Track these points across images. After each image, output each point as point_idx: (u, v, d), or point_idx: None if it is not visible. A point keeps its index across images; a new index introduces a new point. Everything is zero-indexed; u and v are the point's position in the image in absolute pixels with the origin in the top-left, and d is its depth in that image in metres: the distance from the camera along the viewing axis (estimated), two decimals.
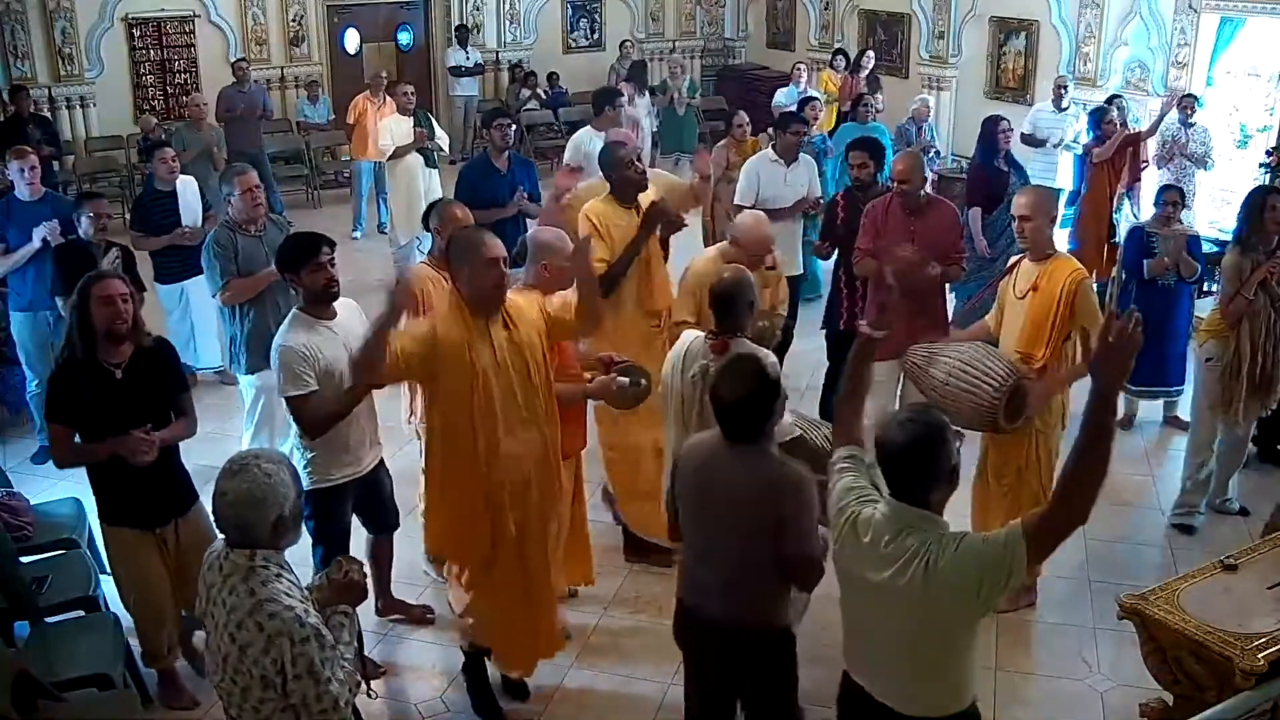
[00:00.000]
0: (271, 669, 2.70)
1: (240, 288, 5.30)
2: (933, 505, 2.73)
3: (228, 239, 5.32)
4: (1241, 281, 5.28)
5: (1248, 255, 5.32)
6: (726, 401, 3.17)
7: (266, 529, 2.76)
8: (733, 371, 3.24)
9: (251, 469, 2.76)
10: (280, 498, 2.76)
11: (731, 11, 15.69)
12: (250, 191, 5.37)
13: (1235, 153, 9.94)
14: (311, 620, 2.74)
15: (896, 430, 2.71)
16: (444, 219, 4.83)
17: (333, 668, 2.78)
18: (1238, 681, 3.40)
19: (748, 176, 6.86)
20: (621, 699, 4.43)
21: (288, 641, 2.69)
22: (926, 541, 2.65)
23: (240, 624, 2.71)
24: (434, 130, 9.03)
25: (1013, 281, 4.75)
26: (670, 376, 4.24)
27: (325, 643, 2.76)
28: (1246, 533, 5.35)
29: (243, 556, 2.77)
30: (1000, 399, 4.32)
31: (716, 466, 3.21)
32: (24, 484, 5.56)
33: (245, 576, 2.75)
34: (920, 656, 2.76)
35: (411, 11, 13.90)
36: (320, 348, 4.07)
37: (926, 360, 4.59)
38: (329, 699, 2.76)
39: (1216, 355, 5.41)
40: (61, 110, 11.69)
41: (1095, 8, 10.76)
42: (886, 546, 2.69)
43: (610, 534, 5.42)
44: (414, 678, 4.56)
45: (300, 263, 4.11)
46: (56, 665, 3.93)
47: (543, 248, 4.33)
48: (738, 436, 3.18)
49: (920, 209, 5.48)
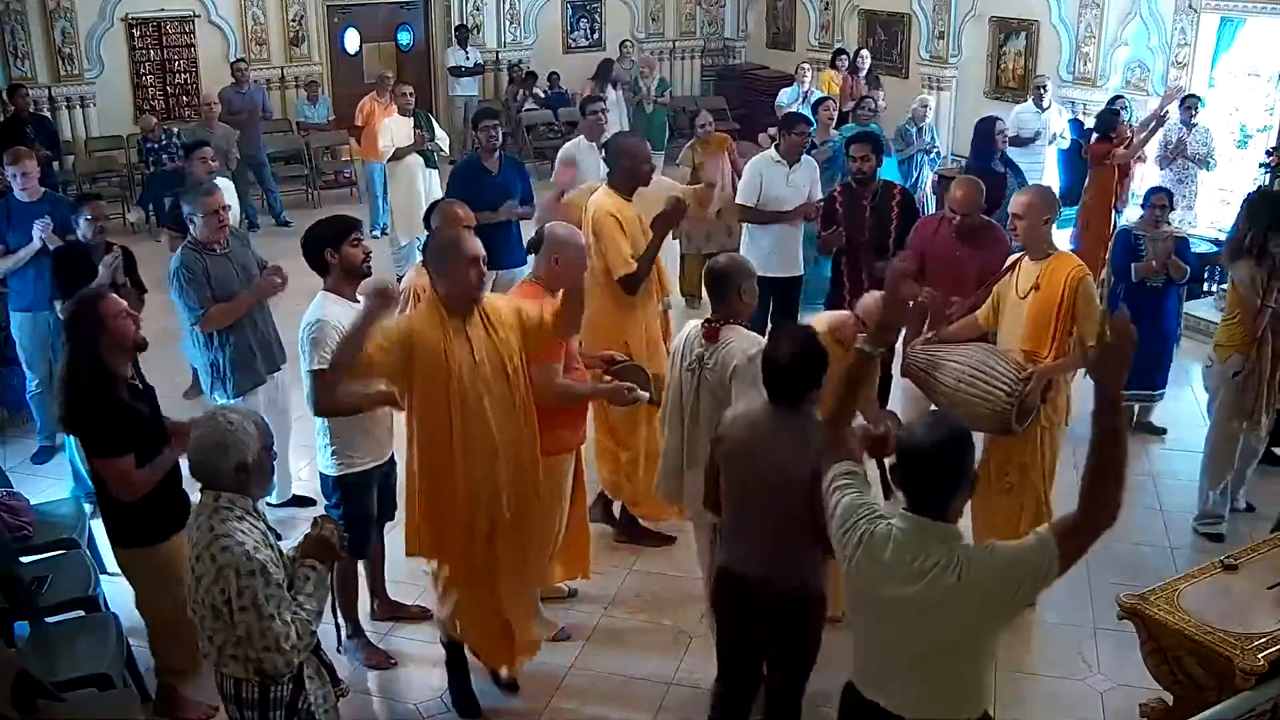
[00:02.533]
0: (220, 599, 2.90)
1: (221, 314, 5.11)
2: (951, 512, 2.70)
3: (196, 262, 5.10)
4: (1262, 291, 5.19)
5: (1263, 264, 5.21)
6: (780, 363, 3.33)
7: (229, 473, 3.00)
8: (787, 335, 3.42)
9: (217, 418, 3.08)
10: (242, 445, 3.00)
11: (731, 11, 15.68)
12: (216, 214, 5.19)
13: (1235, 153, 9.95)
14: (259, 557, 2.92)
15: (923, 433, 2.67)
16: (446, 219, 4.84)
17: (279, 606, 2.94)
18: (1238, 681, 3.40)
19: (750, 176, 6.87)
20: (622, 699, 4.43)
21: (233, 573, 2.88)
22: (954, 553, 2.62)
23: (199, 556, 2.94)
24: (434, 130, 9.04)
25: (1013, 281, 4.73)
26: (673, 359, 4.27)
27: (271, 580, 2.93)
28: (1246, 533, 5.36)
29: (210, 497, 3.02)
30: (1013, 402, 4.30)
31: (762, 432, 3.35)
32: (24, 484, 5.56)
33: (209, 515, 2.98)
34: (946, 667, 2.73)
35: (411, 11, 13.90)
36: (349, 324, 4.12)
37: (930, 364, 4.56)
38: (271, 635, 2.92)
39: (1243, 368, 5.31)
40: (61, 110, 11.69)
41: (1095, 8, 10.76)
42: (914, 561, 2.63)
43: (611, 534, 5.43)
44: (414, 677, 4.56)
45: (341, 237, 4.24)
46: (56, 665, 3.93)
47: (556, 242, 4.35)
48: (785, 397, 3.34)
49: (971, 232, 5.26)
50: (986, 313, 4.86)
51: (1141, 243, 6.26)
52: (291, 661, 2.99)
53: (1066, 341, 4.56)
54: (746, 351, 3.98)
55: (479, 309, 3.84)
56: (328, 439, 4.32)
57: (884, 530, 2.71)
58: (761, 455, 3.34)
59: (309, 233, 4.34)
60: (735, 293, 4.10)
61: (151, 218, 11.12)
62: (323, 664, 3.24)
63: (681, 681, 4.49)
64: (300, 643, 2.99)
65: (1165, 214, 6.35)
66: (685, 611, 4.89)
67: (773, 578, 3.37)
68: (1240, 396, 5.37)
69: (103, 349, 3.87)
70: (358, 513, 4.42)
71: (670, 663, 4.60)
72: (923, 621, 2.66)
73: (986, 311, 4.86)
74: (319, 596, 3.12)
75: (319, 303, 4.22)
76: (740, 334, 4.10)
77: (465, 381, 3.75)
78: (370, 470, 4.40)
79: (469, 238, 3.87)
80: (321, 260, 4.25)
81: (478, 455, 3.81)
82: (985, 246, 5.30)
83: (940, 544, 2.63)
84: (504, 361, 3.84)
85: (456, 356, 3.74)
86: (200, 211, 5.18)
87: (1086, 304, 4.51)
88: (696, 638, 4.71)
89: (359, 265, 4.27)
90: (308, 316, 4.18)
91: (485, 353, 3.80)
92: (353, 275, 4.27)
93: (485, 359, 3.80)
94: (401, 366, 3.74)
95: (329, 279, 4.28)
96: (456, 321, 3.78)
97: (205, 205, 5.20)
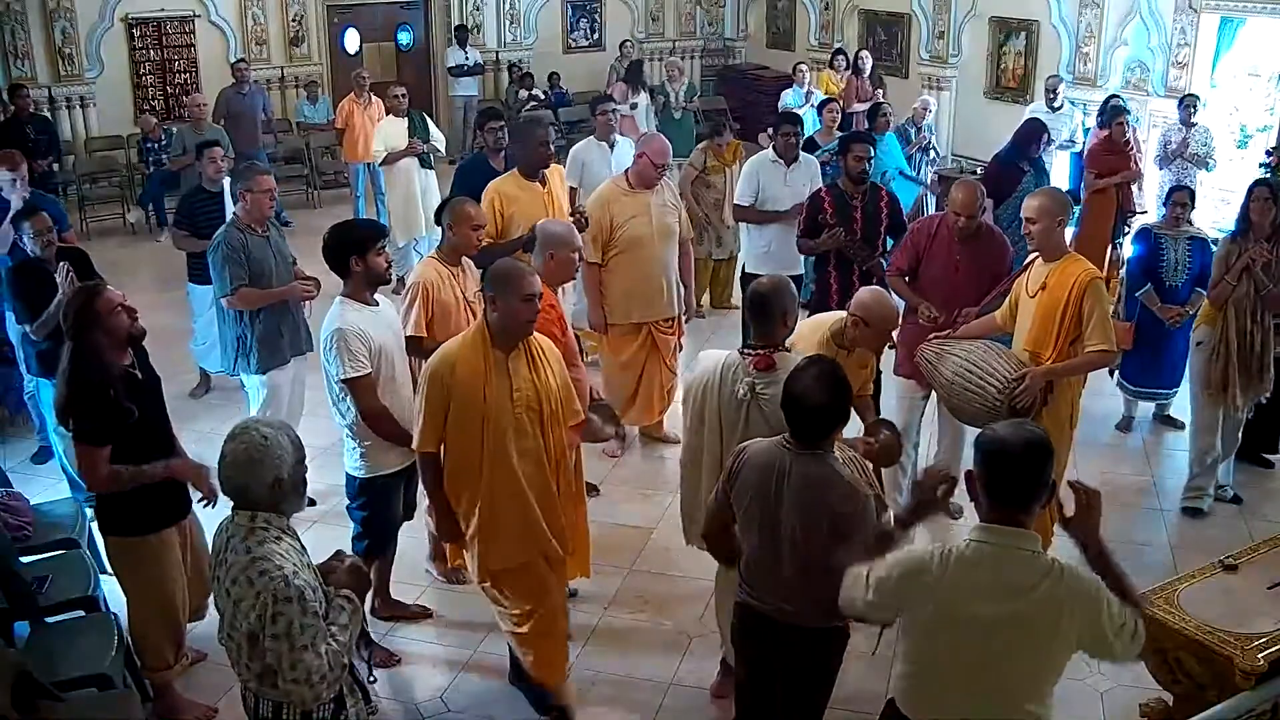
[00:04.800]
0: (256, 624, 2.77)
1: (251, 298, 5.27)
2: (1030, 519, 2.69)
3: (240, 241, 5.27)
4: (1228, 267, 5.45)
5: (1237, 243, 5.49)
6: (811, 404, 3.18)
7: (264, 490, 2.85)
8: (815, 374, 3.22)
9: (250, 432, 2.89)
10: (277, 460, 2.85)
11: (731, 11, 15.68)
12: (269, 192, 5.36)
13: (1235, 153, 9.95)
14: (298, 583, 2.78)
15: (1011, 434, 2.68)
16: (457, 217, 4.84)
17: (314, 637, 2.80)
18: (1238, 681, 3.40)
19: (748, 177, 6.92)
20: (622, 699, 4.43)
21: (271, 598, 2.75)
22: (1052, 562, 2.65)
23: (235, 579, 2.80)
24: (429, 132, 9.04)
25: (1025, 280, 4.76)
26: (707, 393, 3.98)
27: (309, 608, 2.78)
28: (1247, 533, 5.36)
29: (245, 517, 2.87)
30: (1003, 399, 4.33)
31: (784, 473, 3.23)
32: (24, 484, 5.56)
33: (245, 536, 2.84)
34: (1030, 686, 2.72)
35: (411, 11, 13.89)
36: (371, 330, 4.22)
37: (938, 357, 4.65)
38: (302, 668, 2.78)
39: (1205, 339, 5.57)
40: (61, 110, 11.69)
41: (1095, 8, 10.76)
42: (1010, 576, 2.63)
43: (610, 534, 5.43)
44: (415, 678, 4.55)
45: (368, 246, 4.26)
46: (56, 665, 3.92)
47: (551, 239, 4.36)
48: (811, 439, 3.21)
49: (971, 236, 5.25)
50: (1005, 312, 4.87)
51: (1164, 242, 6.22)
52: (320, 695, 2.86)
53: (1070, 346, 4.55)
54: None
55: (525, 344, 3.84)
56: (355, 441, 4.34)
57: (970, 548, 2.68)
58: (785, 499, 3.24)
59: (333, 235, 4.35)
60: (780, 317, 3.91)
61: (151, 217, 11.13)
62: (356, 682, 3.14)
63: (681, 681, 4.49)
64: (331, 675, 2.85)
65: (1186, 212, 6.29)
66: (685, 611, 4.89)
67: (799, 614, 3.31)
68: (1203, 368, 5.57)
69: (100, 343, 3.88)
70: (383, 514, 4.45)
71: (670, 663, 4.60)
72: (1017, 636, 2.63)
73: (1005, 311, 4.88)
74: (352, 629, 2.99)
75: (337, 310, 4.25)
76: (791, 362, 3.87)
77: (500, 419, 3.74)
78: (398, 472, 4.41)
79: (529, 275, 3.82)
80: (344, 264, 4.27)
81: (507, 495, 3.82)
82: (985, 250, 5.29)
83: (1033, 556, 2.64)
84: (541, 404, 3.83)
85: (494, 393, 3.74)
86: (255, 189, 5.29)
87: (1094, 307, 4.51)
88: (696, 638, 4.71)
89: (383, 274, 4.33)
90: (326, 327, 4.22)
91: (526, 393, 3.80)
92: (375, 283, 4.32)
93: (526, 399, 3.79)
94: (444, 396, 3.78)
95: (349, 284, 4.30)
96: (500, 355, 3.77)
97: (261, 184, 5.33)
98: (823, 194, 6.20)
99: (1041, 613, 2.61)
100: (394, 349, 4.36)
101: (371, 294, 4.34)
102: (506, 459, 3.78)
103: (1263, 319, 5.49)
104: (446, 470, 3.90)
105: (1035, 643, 2.64)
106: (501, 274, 3.81)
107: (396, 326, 4.49)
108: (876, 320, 4.27)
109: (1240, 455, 6.15)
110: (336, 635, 2.90)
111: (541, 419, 3.83)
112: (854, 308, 4.31)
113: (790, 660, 3.42)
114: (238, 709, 3.16)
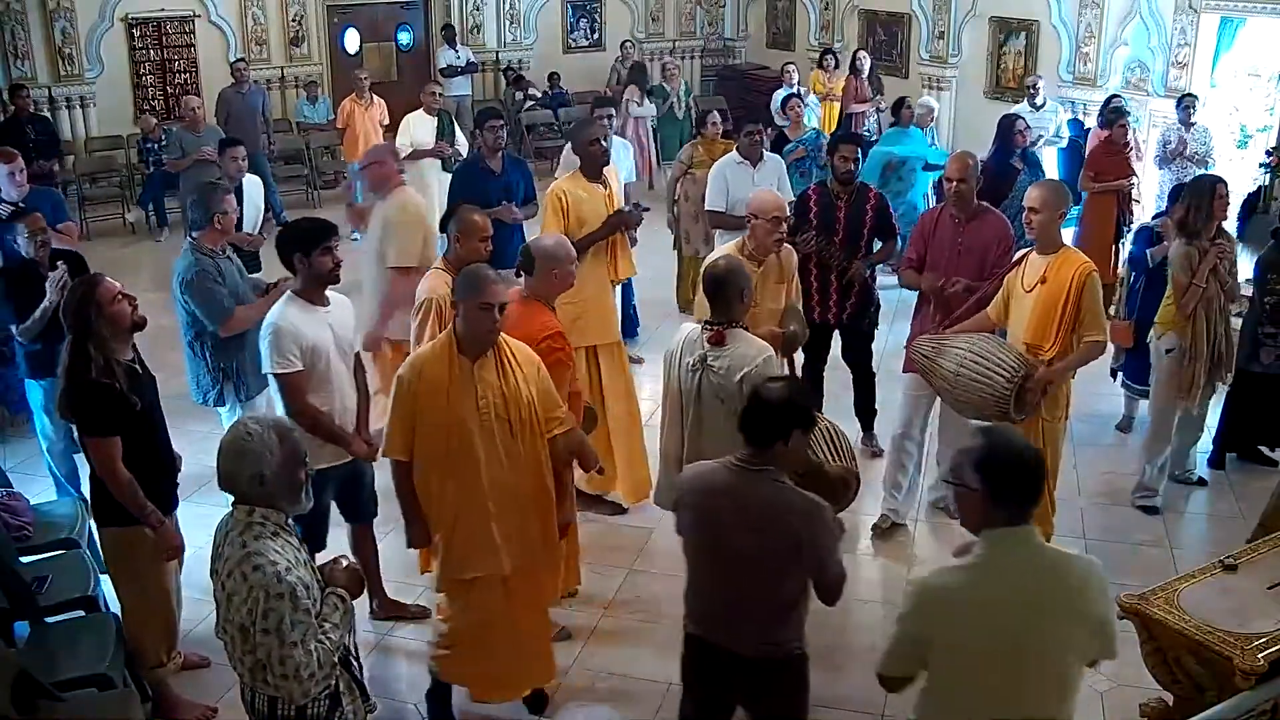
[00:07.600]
0: (248, 619, 2.80)
1: (248, 315, 5.02)
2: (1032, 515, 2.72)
3: (211, 265, 5.03)
4: (1194, 271, 5.33)
5: (1194, 244, 5.36)
6: (765, 400, 3.14)
7: (245, 481, 2.89)
8: (786, 383, 3.29)
9: (240, 426, 2.97)
10: (258, 456, 2.88)
11: (731, 11, 15.69)
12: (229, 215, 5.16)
13: (1235, 153, 9.95)
14: (290, 579, 2.80)
15: (1015, 441, 2.72)
16: (465, 228, 4.81)
17: (304, 634, 2.82)
18: (1238, 681, 3.40)
19: (715, 180, 6.92)
20: (622, 699, 4.42)
21: (263, 593, 2.78)
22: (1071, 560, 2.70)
23: (230, 574, 2.84)
24: (455, 135, 9.06)
25: (1020, 274, 4.78)
26: (671, 361, 4.21)
27: (300, 605, 2.81)
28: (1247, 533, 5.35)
29: (242, 512, 2.92)
30: (1012, 389, 4.37)
31: (727, 496, 3.14)
32: (24, 484, 5.55)
33: (241, 531, 2.89)
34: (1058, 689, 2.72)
35: (411, 11, 13.90)
36: (310, 330, 4.20)
37: (935, 351, 4.66)
38: (291, 664, 2.80)
39: (1176, 345, 5.47)
40: (61, 110, 11.69)
41: (1095, 8, 10.76)
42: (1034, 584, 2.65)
43: (611, 534, 5.43)
44: (413, 678, 4.54)
45: (314, 245, 4.20)
46: (56, 665, 3.93)
47: (547, 256, 4.36)
48: (758, 438, 3.11)
49: (971, 217, 5.34)
50: (998, 308, 4.89)
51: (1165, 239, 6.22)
52: (309, 692, 2.87)
53: (1070, 338, 4.60)
54: (756, 359, 3.98)
55: (496, 351, 3.81)
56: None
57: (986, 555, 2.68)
58: (727, 519, 3.13)
59: (283, 232, 4.35)
60: (736, 295, 4.07)
61: (151, 218, 11.13)
62: (354, 679, 3.14)
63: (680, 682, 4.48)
64: (320, 673, 2.87)
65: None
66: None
67: (749, 642, 3.21)
68: (1175, 374, 5.49)
69: (102, 334, 3.89)
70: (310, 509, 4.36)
71: (670, 663, 4.53)
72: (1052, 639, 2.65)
73: (998, 306, 4.89)
74: (344, 627, 3.01)
75: (280, 306, 4.24)
76: (747, 339, 4.08)
77: (465, 429, 3.71)
78: (325, 470, 4.25)
79: (495, 284, 3.75)
80: (291, 262, 4.26)
81: (468, 507, 3.79)
82: (985, 232, 5.34)
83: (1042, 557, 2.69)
84: (509, 412, 3.78)
85: (458, 403, 3.72)
86: (226, 210, 5.13)
87: (1093, 301, 4.55)
88: None
89: (326, 274, 4.25)
90: (267, 319, 4.22)
91: (493, 401, 3.76)
92: (320, 282, 4.27)
93: (492, 408, 3.75)
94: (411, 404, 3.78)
95: (296, 281, 4.30)
96: (466, 363, 3.75)
97: (229, 204, 5.20)
98: (810, 193, 6.20)
99: (1060, 602, 2.64)
100: (332, 350, 4.28)
101: (320, 292, 4.29)
102: (471, 467, 3.76)
103: (1225, 313, 5.50)
104: (415, 477, 3.87)
105: (1059, 632, 2.65)
106: (464, 281, 3.80)
107: (345, 328, 4.42)
108: (757, 208, 4.88)
109: (1240, 454, 6.19)
110: (329, 634, 2.92)
111: (511, 427, 3.79)
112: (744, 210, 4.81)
113: (750, 693, 3.32)
114: (238, 709, 3.15)
